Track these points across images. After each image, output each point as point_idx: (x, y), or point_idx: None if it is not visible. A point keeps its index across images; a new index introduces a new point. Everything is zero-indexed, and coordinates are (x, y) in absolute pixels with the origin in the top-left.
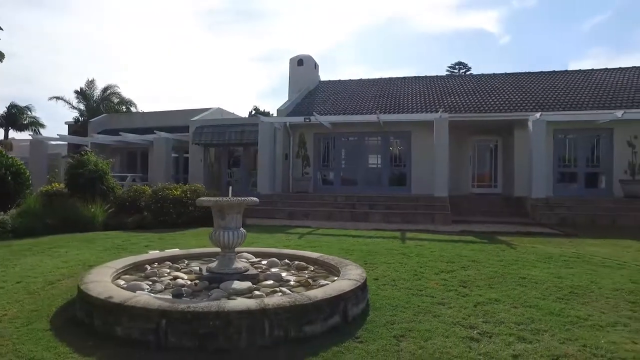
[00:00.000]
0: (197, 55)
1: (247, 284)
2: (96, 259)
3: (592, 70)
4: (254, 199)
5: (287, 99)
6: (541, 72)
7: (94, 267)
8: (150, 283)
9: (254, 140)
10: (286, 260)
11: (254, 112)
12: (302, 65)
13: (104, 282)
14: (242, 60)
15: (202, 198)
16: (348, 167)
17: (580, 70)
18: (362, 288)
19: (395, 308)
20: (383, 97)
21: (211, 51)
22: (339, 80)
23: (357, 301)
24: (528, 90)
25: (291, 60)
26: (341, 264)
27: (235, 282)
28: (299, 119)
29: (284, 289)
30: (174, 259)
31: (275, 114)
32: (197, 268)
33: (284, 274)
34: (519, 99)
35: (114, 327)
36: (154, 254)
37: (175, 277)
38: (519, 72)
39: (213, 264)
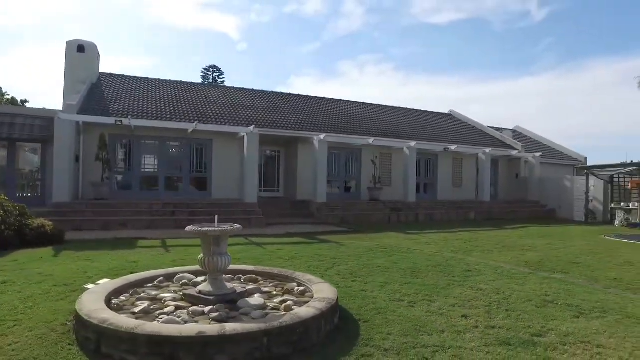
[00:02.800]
0: None
1: (260, 300)
2: None
3: (341, 100)
4: (239, 226)
5: (57, 86)
6: (315, 97)
7: (86, 311)
8: (166, 315)
9: (28, 135)
10: (230, 275)
11: None
12: (83, 52)
13: (145, 323)
14: None
15: (196, 228)
16: (148, 171)
17: (333, 99)
18: None
19: (344, 298)
20: (180, 101)
21: None
22: (123, 76)
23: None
24: (306, 111)
25: (68, 44)
26: (285, 272)
27: (247, 300)
28: (108, 120)
29: (289, 299)
30: (129, 289)
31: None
32: (178, 294)
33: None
34: (301, 119)
35: (215, 357)
36: (101, 287)
37: (179, 307)
38: (299, 95)
39: (203, 287)
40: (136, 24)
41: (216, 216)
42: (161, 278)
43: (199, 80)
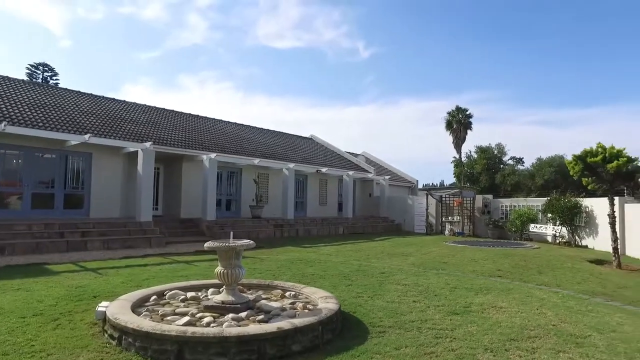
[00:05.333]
0: None
1: (278, 304)
2: None
3: (220, 120)
4: (252, 242)
5: None
6: (193, 114)
7: (149, 327)
8: (213, 324)
9: None
10: (213, 289)
11: None
12: None
13: (225, 329)
14: None
15: (218, 243)
16: (8, 186)
17: (212, 119)
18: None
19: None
20: (48, 107)
21: None
22: None
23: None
24: (188, 129)
25: None
26: (263, 282)
27: (268, 304)
28: None
29: (295, 301)
30: (136, 307)
31: None
32: (195, 310)
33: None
34: (186, 136)
35: (292, 346)
36: (117, 307)
37: (215, 316)
38: (173, 110)
39: (223, 297)
40: None
41: (231, 232)
42: (155, 297)
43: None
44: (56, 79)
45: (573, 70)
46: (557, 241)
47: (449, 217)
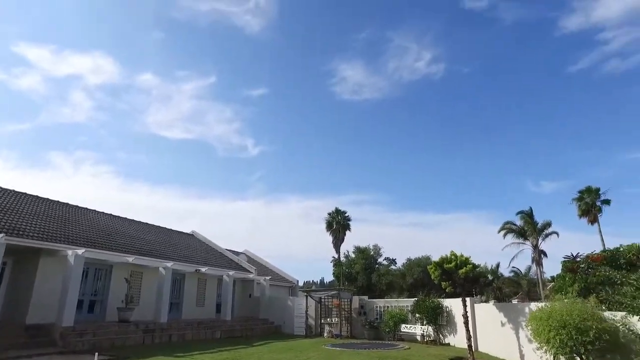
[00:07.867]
0: None
1: None
2: None
3: (93, 211)
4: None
5: None
6: (56, 201)
7: None
8: None
9: None
10: None
11: None
12: None
13: None
14: None
15: None
16: None
17: (82, 208)
18: None
19: None
20: None
21: None
22: None
23: None
24: (49, 218)
25: None
26: None
27: None
28: None
29: None
30: None
31: None
32: None
33: None
34: (47, 227)
35: None
36: None
37: None
38: (37, 196)
39: None
40: None
41: (96, 354)
42: None
43: None
44: None
45: (436, 181)
46: (425, 340)
47: (328, 319)
